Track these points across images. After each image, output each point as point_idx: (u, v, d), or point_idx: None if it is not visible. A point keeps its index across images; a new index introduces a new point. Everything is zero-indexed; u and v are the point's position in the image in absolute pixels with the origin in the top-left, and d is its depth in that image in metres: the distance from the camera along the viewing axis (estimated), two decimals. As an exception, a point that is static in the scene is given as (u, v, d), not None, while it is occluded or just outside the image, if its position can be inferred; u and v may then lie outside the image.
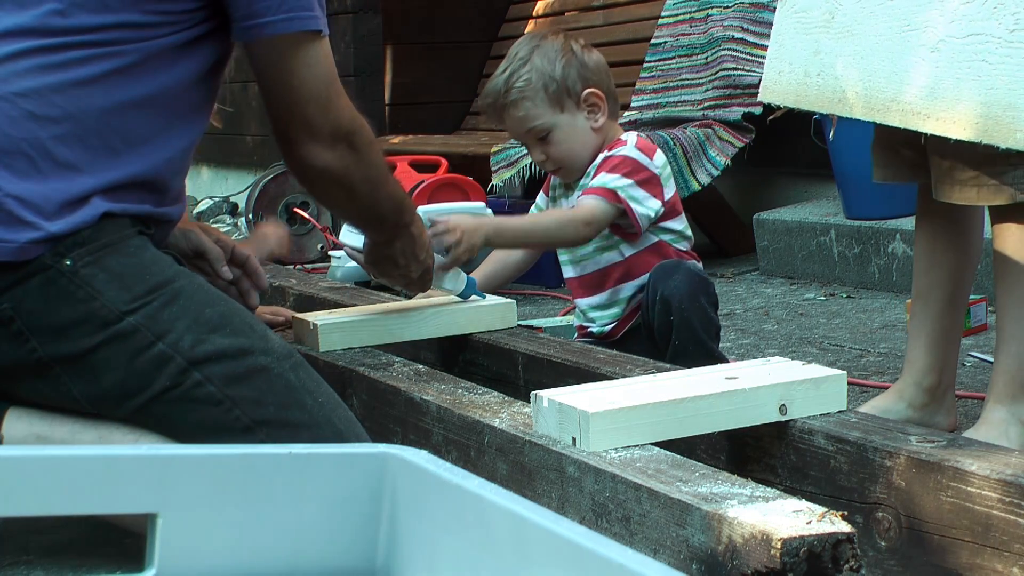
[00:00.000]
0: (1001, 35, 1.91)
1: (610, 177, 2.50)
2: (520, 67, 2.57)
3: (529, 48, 2.59)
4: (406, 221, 2.10)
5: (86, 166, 1.73)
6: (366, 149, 1.93)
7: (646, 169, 2.52)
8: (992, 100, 1.91)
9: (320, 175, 1.90)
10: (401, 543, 1.34)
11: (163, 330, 1.73)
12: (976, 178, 2.10)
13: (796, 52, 2.26)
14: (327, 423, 1.78)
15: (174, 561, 1.31)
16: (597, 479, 1.48)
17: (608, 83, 2.62)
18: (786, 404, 1.67)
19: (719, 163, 4.38)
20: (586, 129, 2.58)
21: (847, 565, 1.22)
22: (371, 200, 1.99)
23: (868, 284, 3.99)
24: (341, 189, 1.94)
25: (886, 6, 2.10)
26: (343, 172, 1.90)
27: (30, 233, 1.68)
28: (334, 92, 1.87)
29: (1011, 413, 2.14)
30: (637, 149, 2.54)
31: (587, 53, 2.61)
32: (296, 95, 1.84)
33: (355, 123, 1.92)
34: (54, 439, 1.76)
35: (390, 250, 2.12)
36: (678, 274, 2.44)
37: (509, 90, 2.56)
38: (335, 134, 1.88)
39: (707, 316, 2.43)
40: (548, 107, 2.56)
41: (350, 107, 1.92)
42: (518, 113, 2.58)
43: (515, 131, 2.64)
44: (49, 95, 1.71)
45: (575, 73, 2.56)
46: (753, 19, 4.65)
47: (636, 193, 2.49)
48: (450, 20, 6.31)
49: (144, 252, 1.77)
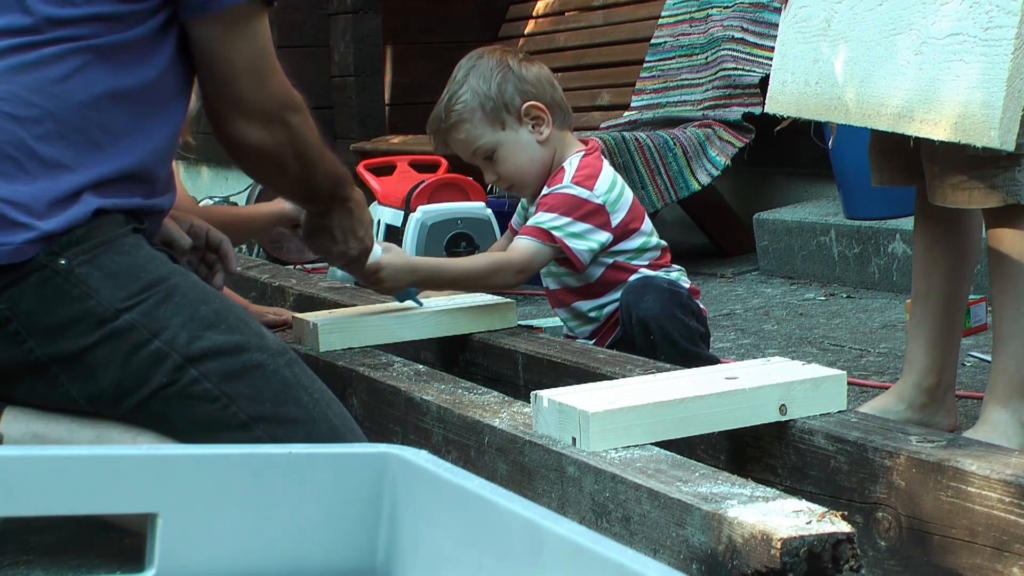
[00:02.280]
0: (976, 34, 1.92)
1: (546, 217, 2.46)
2: (457, 90, 2.54)
3: (466, 70, 2.57)
4: (343, 195, 2.07)
5: (72, 163, 1.72)
6: (301, 127, 1.90)
7: (586, 203, 2.47)
8: (969, 99, 1.92)
9: (252, 152, 1.88)
10: (401, 543, 1.34)
11: (159, 327, 1.73)
12: (966, 181, 2.11)
13: (798, 62, 2.28)
14: (322, 419, 1.78)
15: (174, 561, 1.31)
16: (597, 479, 1.48)
17: (551, 94, 2.57)
18: (786, 404, 1.67)
19: (719, 163, 4.38)
20: (531, 143, 2.55)
21: (847, 565, 1.22)
22: (305, 177, 1.96)
23: (868, 284, 3.99)
24: (274, 166, 1.92)
25: (876, 11, 2.11)
26: (276, 150, 1.88)
27: (24, 234, 1.68)
28: (270, 67, 1.85)
29: (1011, 413, 2.14)
30: (574, 183, 2.48)
31: (525, 67, 2.57)
32: (232, 68, 1.81)
33: (290, 99, 1.89)
34: (52, 438, 1.76)
35: (327, 222, 2.10)
36: (648, 293, 2.42)
37: (448, 114, 2.54)
38: (269, 110, 1.85)
39: (686, 327, 2.41)
40: (488, 126, 2.53)
41: (286, 83, 1.88)
42: (460, 136, 2.55)
43: (463, 154, 2.61)
44: (27, 95, 1.70)
45: (512, 88, 2.52)
46: (753, 19, 4.65)
47: (575, 229, 2.45)
48: (450, 20, 6.31)
49: (138, 250, 1.77)
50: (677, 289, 2.47)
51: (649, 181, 4.33)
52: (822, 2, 2.24)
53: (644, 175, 4.32)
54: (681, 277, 2.59)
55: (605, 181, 2.51)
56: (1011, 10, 1.88)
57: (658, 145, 4.35)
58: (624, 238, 2.52)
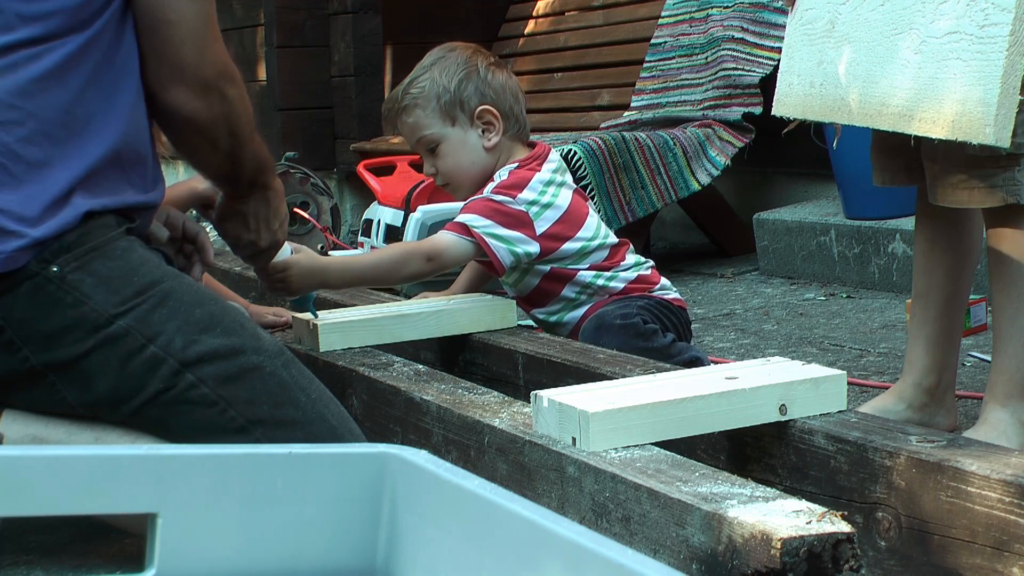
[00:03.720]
0: (972, 31, 1.93)
1: (466, 216, 2.43)
2: (420, 75, 2.54)
3: (433, 59, 2.56)
4: (264, 182, 2.01)
5: (57, 160, 1.70)
6: (238, 101, 1.85)
7: (505, 207, 2.43)
8: (966, 97, 1.93)
9: (186, 123, 1.83)
10: (401, 543, 1.34)
11: (154, 332, 1.72)
12: (966, 181, 2.11)
13: (804, 64, 2.29)
14: (320, 419, 1.78)
15: (174, 561, 1.31)
16: (597, 479, 1.47)
17: (510, 104, 2.54)
18: (786, 404, 1.67)
19: (719, 163, 4.38)
20: (477, 147, 2.53)
21: (847, 565, 1.22)
22: (233, 155, 1.91)
23: (868, 284, 3.99)
24: (205, 140, 1.87)
25: (878, 12, 2.11)
26: (210, 122, 1.83)
27: (15, 242, 1.66)
28: (212, 35, 1.81)
29: (1010, 413, 2.14)
30: (494, 192, 2.44)
31: (493, 72, 2.54)
32: (173, 32, 1.77)
33: (229, 70, 1.85)
34: (50, 441, 1.75)
35: (243, 207, 2.03)
36: (603, 336, 2.36)
37: (404, 96, 2.53)
38: (207, 78, 1.80)
39: (652, 351, 2.35)
40: (439, 118, 2.51)
41: (225, 54, 1.85)
42: (408, 119, 2.54)
43: (408, 139, 2.59)
44: (8, 99, 1.69)
45: (472, 88, 2.51)
46: (753, 19, 4.65)
47: (497, 231, 2.41)
48: (450, 20, 6.30)
49: (131, 254, 1.76)
50: (630, 321, 2.40)
51: (649, 181, 4.33)
52: (827, 4, 2.24)
53: (644, 175, 4.32)
54: (635, 270, 2.53)
55: (532, 192, 2.45)
56: (1006, 7, 1.88)
57: (658, 145, 4.35)
58: (555, 247, 2.46)
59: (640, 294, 2.52)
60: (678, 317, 2.54)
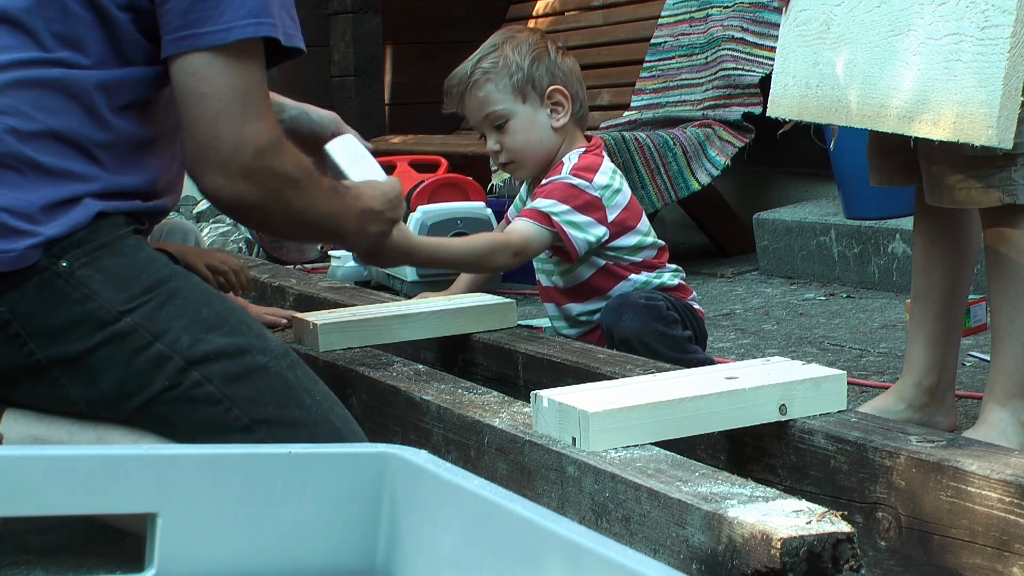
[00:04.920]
0: (973, 33, 1.93)
1: (545, 203, 2.46)
2: (490, 52, 2.55)
3: (503, 38, 2.58)
4: (345, 232, 1.92)
5: (74, 175, 1.71)
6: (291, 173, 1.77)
7: (584, 193, 2.47)
8: (967, 98, 1.93)
9: (233, 209, 1.79)
10: (401, 543, 1.34)
11: (161, 330, 1.72)
12: (964, 181, 2.11)
13: (799, 65, 2.29)
14: (325, 421, 1.78)
15: (174, 561, 1.31)
16: (597, 479, 1.48)
17: (577, 88, 2.58)
18: (786, 404, 1.67)
19: (719, 163, 4.38)
20: (546, 126, 2.56)
21: (847, 565, 1.22)
22: (303, 228, 1.88)
23: (868, 284, 3.99)
24: (264, 219, 1.82)
25: (875, 13, 2.12)
26: (258, 205, 1.75)
27: (27, 240, 1.67)
28: (252, 112, 1.71)
29: (1010, 413, 2.14)
30: (572, 175, 2.49)
31: (561, 56, 2.59)
32: (206, 107, 1.70)
33: (273, 148, 1.74)
34: (52, 441, 1.76)
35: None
36: (625, 312, 2.40)
37: (475, 70, 2.53)
38: (246, 165, 1.72)
39: (669, 337, 2.39)
40: (510, 94, 2.53)
41: (270, 131, 1.74)
42: (479, 94, 2.54)
43: (474, 116, 2.59)
44: (31, 111, 1.69)
45: (544, 69, 2.54)
46: (753, 19, 4.65)
47: (574, 218, 2.45)
48: (450, 20, 6.31)
49: (140, 252, 1.77)
50: (654, 303, 2.43)
51: (649, 181, 4.32)
52: (821, 5, 2.25)
53: (644, 175, 4.32)
54: (676, 277, 2.58)
55: (604, 176, 2.51)
56: (1007, 9, 1.88)
57: (658, 145, 4.35)
58: (620, 235, 2.52)
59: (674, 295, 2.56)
60: (700, 325, 2.58)
